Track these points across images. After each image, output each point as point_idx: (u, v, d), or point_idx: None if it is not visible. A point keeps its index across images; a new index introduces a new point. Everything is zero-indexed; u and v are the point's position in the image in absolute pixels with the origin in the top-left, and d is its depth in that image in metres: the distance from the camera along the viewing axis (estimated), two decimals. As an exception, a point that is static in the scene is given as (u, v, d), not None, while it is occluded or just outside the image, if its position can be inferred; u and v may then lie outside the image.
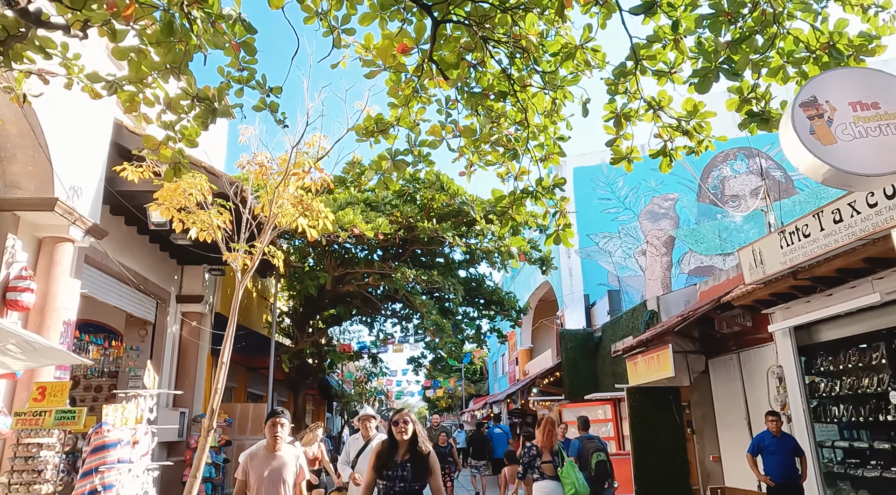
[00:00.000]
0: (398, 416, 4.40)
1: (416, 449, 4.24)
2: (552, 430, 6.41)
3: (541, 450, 6.23)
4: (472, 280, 15.44)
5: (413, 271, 12.00)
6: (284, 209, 7.54)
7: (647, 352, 9.46)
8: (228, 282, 14.20)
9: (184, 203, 7.60)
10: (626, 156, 6.31)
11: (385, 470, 4.21)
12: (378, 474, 4.22)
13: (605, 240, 21.17)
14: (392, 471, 4.19)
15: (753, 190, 20.15)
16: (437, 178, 11.58)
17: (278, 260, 7.80)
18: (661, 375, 8.99)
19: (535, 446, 6.32)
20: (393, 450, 4.28)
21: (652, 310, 10.95)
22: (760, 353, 8.97)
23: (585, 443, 7.58)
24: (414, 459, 4.23)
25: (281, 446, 4.69)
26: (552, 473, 6.10)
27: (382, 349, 19.23)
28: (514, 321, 16.26)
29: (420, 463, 4.22)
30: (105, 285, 10.14)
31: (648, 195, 21.24)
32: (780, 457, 6.88)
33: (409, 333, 17.77)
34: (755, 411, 9.10)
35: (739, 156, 20.58)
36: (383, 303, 15.86)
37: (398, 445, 4.29)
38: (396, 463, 4.22)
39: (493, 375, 42.06)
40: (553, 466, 6.11)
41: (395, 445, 4.30)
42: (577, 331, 14.56)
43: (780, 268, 6.95)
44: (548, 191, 6.52)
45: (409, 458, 4.24)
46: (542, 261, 12.55)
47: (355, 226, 10.07)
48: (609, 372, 13.24)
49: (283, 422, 4.66)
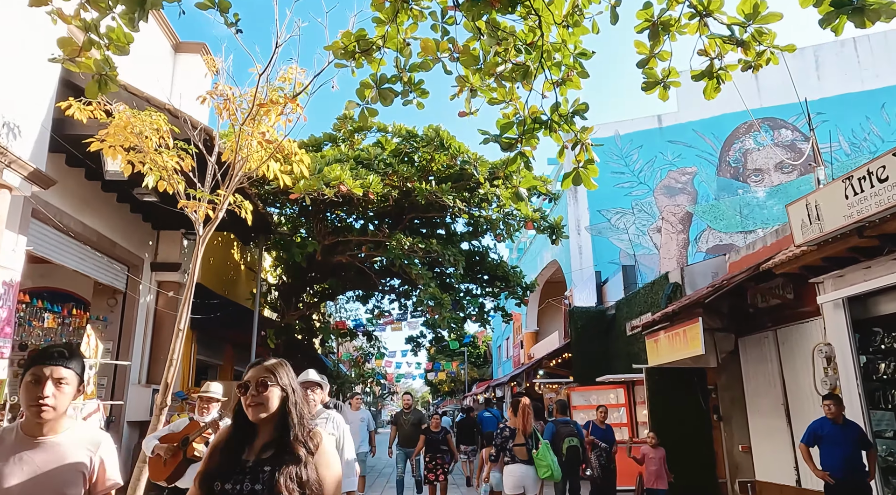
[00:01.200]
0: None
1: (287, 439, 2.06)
2: (529, 414, 6.33)
3: (514, 432, 6.14)
4: (475, 253, 14.29)
5: (409, 239, 10.86)
6: (252, 150, 6.40)
7: (671, 327, 8.31)
8: (211, 251, 13.12)
9: (134, 142, 6.46)
10: (662, 79, 5.02)
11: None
12: None
13: (617, 216, 19.97)
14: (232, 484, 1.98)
15: (778, 163, 18.87)
16: (436, 134, 10.40)
17: (246, 211, 6.68)
18: (688, 353, 7.85)
19: (509, 427, 6.24)
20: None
21: (675, 282, 9.81)
22: (803, 330, 7.81)
23: (560, 428, 7.63)
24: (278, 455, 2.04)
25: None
26: (524, 457, 5.99)
27: (380, 327, 18.15)
28: (519, 299, 15.12)
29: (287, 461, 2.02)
30: (60, 246, 9.04)
31: (665, 169, 19.99)
32: (843, 449, 5.74)
33: (408, 310, 16.67)
34: (795, 396, 7.96)
35: (764, 126, 19.26)
36: (380, 278, 14.76)
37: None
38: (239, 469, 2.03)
39: (496, 359, 41.07)
40: (526, 450, 6.00)
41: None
42: (589, 309, 13.42)
43: (842, 223, 5.76)
44: (566, 119, 5.27)
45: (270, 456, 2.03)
46: (551, 228, 11.38)
47: (342, 182, 8.92)
48: (623, 352, 12.12)
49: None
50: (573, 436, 7.64)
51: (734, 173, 19.32)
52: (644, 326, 8.96)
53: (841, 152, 17.98)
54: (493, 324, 17.30)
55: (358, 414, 9.81)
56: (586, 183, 4.90)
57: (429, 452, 9.39)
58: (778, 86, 19.29)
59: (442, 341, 16.03)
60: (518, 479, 5.98)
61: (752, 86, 19.60)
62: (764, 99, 19.36)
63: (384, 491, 12.36)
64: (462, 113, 5.02)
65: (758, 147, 19.20)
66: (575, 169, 4.91)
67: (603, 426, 8.55)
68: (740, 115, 19.45)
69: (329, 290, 13.95)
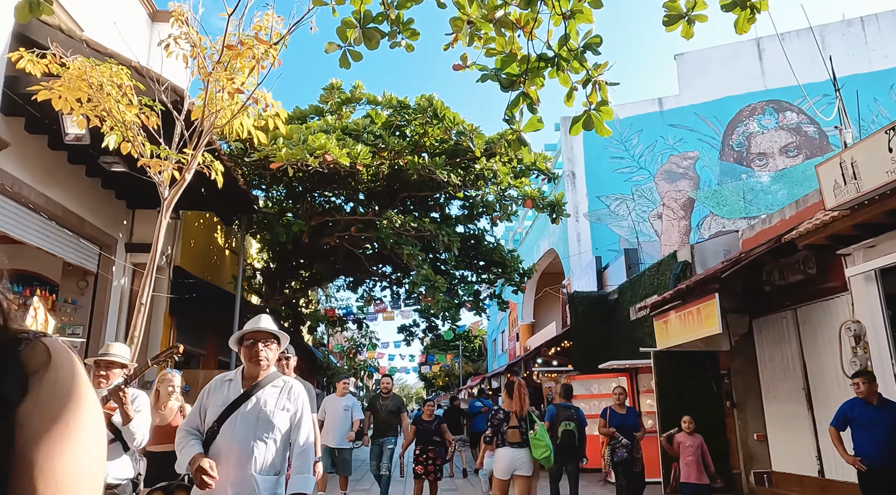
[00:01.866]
0: None
1: None
2: (525, 395, 6.10)
3: (508, 415, 5.94)
4: (471, 236, 13.64)
5: (401, 217, 10.20)
6: (223, 103, 5.72)
7: (683, 306, 7.68)
8: (192, 233, 12.42)
9: (91, 94, 5.77)
10: (687, 13, 4.37)
11: None
12: None
13: (617, 202, 19.34)
14: None
15: (783, 147, 18.27)
16: (429, 104, 9.72)
17: (216, 172, 6.01)
18: (702, 333, 7.22)
19: (503, 409, 6.07)
20: None
21: (684, 261, 9.17)
22: (827, 308, 7.19)
23: (560, 411, 7.51)
24: None
25: None
26: (516, 439, 5.82)
27: (371, 316, 17.47)
28: (517, 286, 14.48)
29: None
30: (19, 220, 8.33)
31: (666, 153, 19.37)
32: (878, 433, 5.10)
33: (400, 298, 16.00)
34: (818, 379, 7.35)
35: (768, 109, 18.66)
36: (371, 264, 14.10)
37: None
38: None
39: (492, 353, 40.48)
40: (519, 432, 5.82)
41: None
42: (589, 294, 12.79)
43: (885, 180, 5.13)
44: (576, 55, 4.58)
45: None
46: (551, 206, 10.73)
47: (328, 151, 8.24)
48: (626, 338, 11.50)
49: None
50: (570, 420, 7.45)
51: (737, 157, 18.72)
52: (653, 306, 8.34)
53: (847, 135, 17.36)
54: (489, 314, 16.63)
55: (341, 402, 8.50)
56: (598, 128, 4.23)
57: (419, 444, 8.35)
58: (782, 67, 18.69)
59: (436, 330, 15.32)
60: (508, 463, 5.81)
61: (756, 68, 19.01)
62: (768, 81, 18.76)
63: (373, 488, 11.69)
64: (457, 65, 4.38)
65: (762, 130, 18.60)
66: (586, 112, 4.24)
67: (623, 409, 7.46)
68: (744, 98, 18.87)
69: (317, 275, 13.29)
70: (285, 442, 2.96)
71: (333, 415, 8.39)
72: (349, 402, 8.57)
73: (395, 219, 10.07)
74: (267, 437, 2.87)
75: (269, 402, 2.95)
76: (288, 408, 2.99)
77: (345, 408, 8.43)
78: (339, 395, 8.66)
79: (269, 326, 3.06)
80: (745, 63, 19.07)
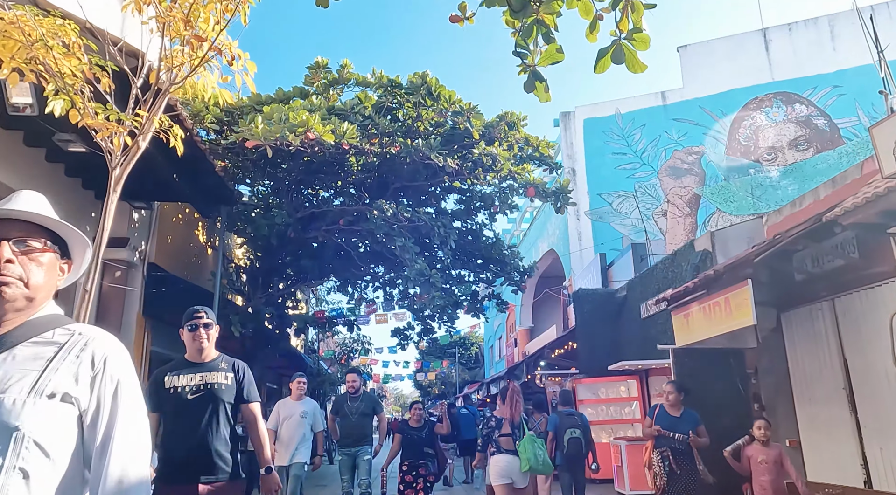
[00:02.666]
0: None
1: None
2: (518, 401, 6.01)
3: (501, 421, 5.82)
4: (468, 231, 12.82)
5: (393, 206, 9.37)
6: (180, 55, 4.88)
7: (708, 297, 6.86)
8: (169, 229, 11.56)
9: (30, 51, 4.92)
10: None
11: None
12: None
13: (619, 199, 18.58)
14: None
15: (793, 140, 17.55)
16: (422, 81, 8.92)
17: (175, 137, 5.18)
18: (731, 326, 6.40)
19: (496, 416, 5.95)
20: None
21: (704, 250, 8.37)
22: (874, 296, 6.38)
23: (563, 419, 7.39)
24: None
25: None
26: (510, 447, 5.71)
27: (363, 318, 16.57)
28: (517, 285, 13.65)
29: None
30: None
31: (670, 148, 18.64)
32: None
33: (394, 300, 15.14)
34: (862, 378, 6.52)
35: (776, 102, 17.96)
36: (363, 263, 13.26)
37: None
38: None
39: (489, 361, 39.59)
40: (512, 440, 5.72)
41: None
42: (595, 291, 11.96)
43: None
44: (601, -30, 3.79)
45: None
46: (556, 194, 9.92)
47: (310, 129, 7.42)
48: (637, 337, 10.67)
49: None
50: (575, 428, 7.31)
51: (745, 152, 17.99)
52: (672, 298, 7.51)
53: (861, 127, 16.69)
54: (488, 316, 15.80)
55: (297, 407, 6.87)
56: (632, 63, 3.44)
57: (407, 457, 6.98)
58: (790, 58, 18.04)
59: (431, 333, 14.47)
60: (503, 470, 5.65)
61: (763, 59, 18.32)
62: (776, 73, 18.08)
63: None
64: (454, 17, 3.67)
65: (770, 123, 17.88)
66: (615, 41, 3.46)
67: (677, 411, 6.42)
68: (750, 90, 18.17)
69: (305, 272, 12.43)
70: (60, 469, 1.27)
71: (288, 423, 6.82)
72: (307, 408, 6.87)
73: (387, 208, 9.24)
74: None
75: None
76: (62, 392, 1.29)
77: (302, 415, 6.79)
78: (295, 399, 6.97)
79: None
80: (751, 54, 18.39)
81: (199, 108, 8.91)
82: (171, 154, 7.20)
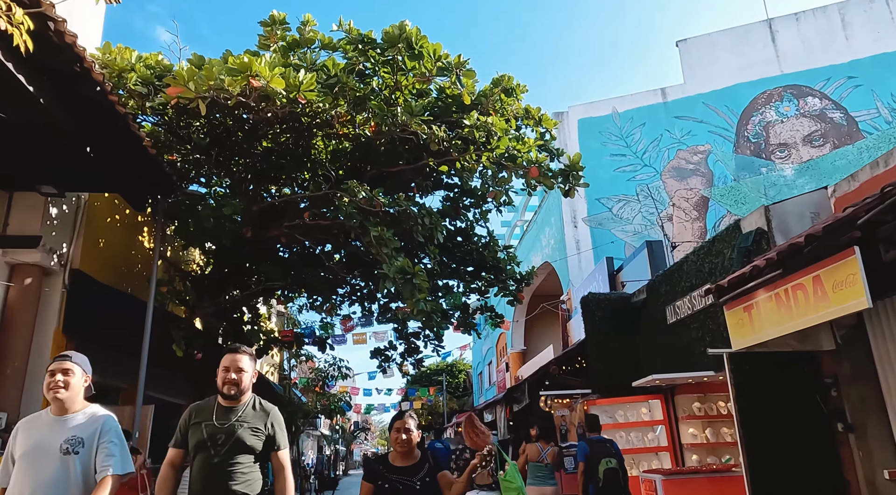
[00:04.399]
0: None
1: None
2: (479, 430, 5.80)
3: (475, 453, 4.57)
4: (458, 231, 11.07)
5: (366, 187, 7.62)
6: None
7: (784, 279, 5.12)
8: (99, 228, 9.68)
9: None
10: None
11: None
12: None
13: (620, 204, 16.98)
14: None
15: (807, 136, 16.13)
16: (400, 33, 7.22)
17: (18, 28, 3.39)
18: (828, 313, 4.65)
19: (469, 448, 5.84)
20: None
21: (757, 229, 6.67)
22: None
23: (594, 447, 6.83)
24: None
25: None
26: (485, 481, 5.52)
27: (338, 338, 14.57)
28: (513, 296, 11.87)
29: None
30: None
31: (673, 148, 17.15)
32: None
33: (374, 315, 13.25)
34: None
35: (786, 95, 16.60)
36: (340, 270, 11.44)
37: None
38: None
39: (477, 388, 37.48)
40: (489, 472, 5.06)
41: None
42: (608, 296, 10.19)
43: None
44: None
45: None
46: (565, 174, 8.22)
47: (254, 74, 5.68)
48: (662, 347, 8.91)
49: None
50: (611, 457, 6.71)
51: (755, 150, 16.53)
52: (730, 285, 5.75)
53: (881, 120, 15.35)
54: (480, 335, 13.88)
55: (59, 430, 3.10)
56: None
57: None
58: (799, 49, 16.76)
59: (416, 352, 12.57)
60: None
61: (770, 50, 17.01)
62: (784, 65, 16.76)
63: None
64: None
65: (781, 118, 16.48)
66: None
67: None
68: (758, 84, 16.81)
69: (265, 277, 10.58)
70: None
71: (27, 468, 3.02)
72: (85, 431, 3.11)
73: (358, 189, 7.47)
74: None
75: None
76: None
77: (64, 450, 3.02)
78: (57, 413, 3.13)
79: None
80: (757, 46, 17.09)
81: (122, 65, 7.15)
82: (85, 119, 5.44)
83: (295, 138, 9.44)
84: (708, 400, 9.36)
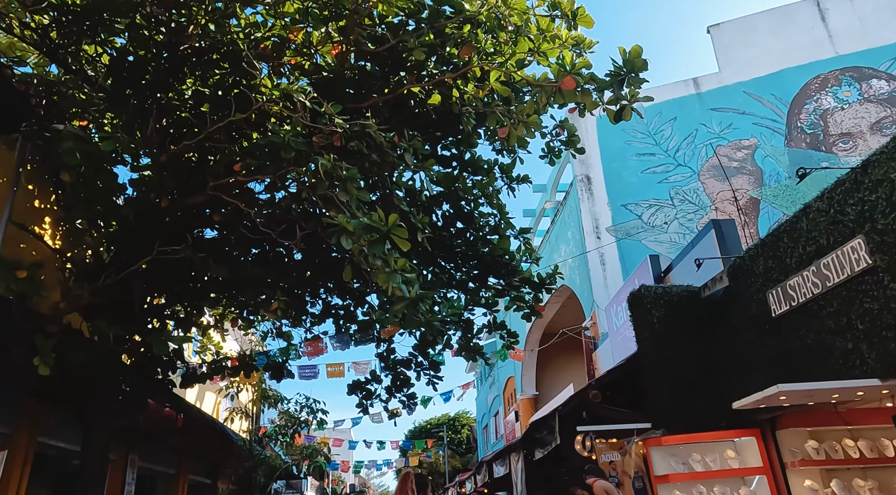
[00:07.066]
0: None
1: None
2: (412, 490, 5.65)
3: None
4: (457, 215, 8.24)
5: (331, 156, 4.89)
6: None
7: None
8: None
9: None
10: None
11: None
12: None
13: (651, 210, 14.20)
14: None
15: (875, 123, 13.51)
16: None
17: None
18: None
19: None
20: None
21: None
22: None
23: None
24: None
25: None
26: None
27: (307, 370, 11.35)
28: (530, 308, 8.98)
29: None
30: None
31: (711, 143, 14.50)
32: None
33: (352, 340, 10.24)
34: None
35: (845, 79, 14.07)
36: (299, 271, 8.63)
37: None
38: None
39: (482, 444, 33.81)
40: None
41: None
42: (669, 289, 7.23)
43: None
44: None
45: None
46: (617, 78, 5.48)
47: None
48: (763, 352, 5.94)
49: None
50: None
51: (812, 142, 13.89)
52: None
53: None
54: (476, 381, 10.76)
55: None
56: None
57: None
58: (855, 27, 14.34)
59: (408, 385, 9.49)
60: None
61: (820, 30, 14.61)
62: (839, 46, 14.32)
63: None
64: None
65: (841, 105, 13.91)
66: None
67: None
68: (809, 68, 14.34)
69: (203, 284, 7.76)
70: None
71: None
72: None
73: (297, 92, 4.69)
74: None
75: None
76: None
77: None
78: None
79: None
80: (804, 27, 14.72)
81: None
82: None
83: (230, 75, 6.75)
84: (828, 437, 6.33)
